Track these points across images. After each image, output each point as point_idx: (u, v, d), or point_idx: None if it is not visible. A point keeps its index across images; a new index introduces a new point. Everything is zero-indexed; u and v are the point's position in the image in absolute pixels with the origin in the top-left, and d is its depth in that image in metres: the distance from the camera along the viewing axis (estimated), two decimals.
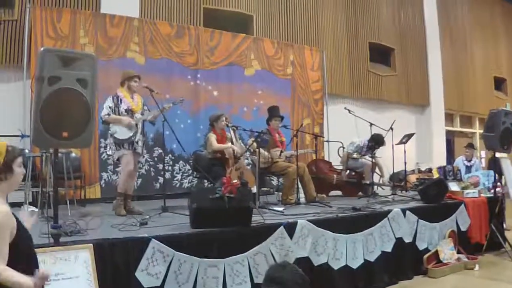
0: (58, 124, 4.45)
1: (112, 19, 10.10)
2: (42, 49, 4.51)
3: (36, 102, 4.36)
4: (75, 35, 9.66)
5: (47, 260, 4.13)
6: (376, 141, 10.10)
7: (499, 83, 21.66)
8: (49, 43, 9.22)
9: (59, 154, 5.44)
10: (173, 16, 11.45)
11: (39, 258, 3.13)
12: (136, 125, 7.33)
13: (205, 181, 9.14)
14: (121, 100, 7.34)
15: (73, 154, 9.10)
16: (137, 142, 7.38)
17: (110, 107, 7.25)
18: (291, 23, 13.71)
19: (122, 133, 7.21)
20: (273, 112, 9.34)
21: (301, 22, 13.92)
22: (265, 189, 10.23)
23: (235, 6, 12.62)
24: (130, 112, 7.33)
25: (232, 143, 8.64)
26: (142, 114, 7.49)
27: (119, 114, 7.26)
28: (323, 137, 12.56)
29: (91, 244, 4.48)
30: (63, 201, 7.44)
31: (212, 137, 8.55)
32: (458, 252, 8.14)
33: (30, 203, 8.08)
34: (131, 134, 7.25)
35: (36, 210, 7.58)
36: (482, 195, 9.42)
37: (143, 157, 9.45)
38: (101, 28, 9.95)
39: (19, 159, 3.00)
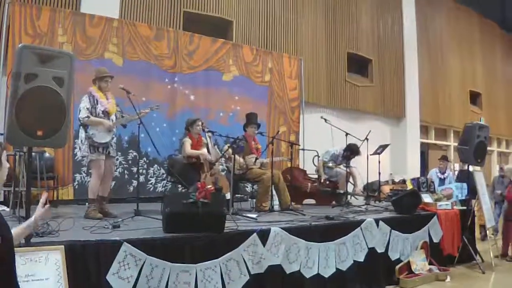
0: (33, 122, 4.41)
1: (91, 19, 10.02)
2: (20, 45, 4.47)
3: (12, 99, 4.31)
4: (54, 34, 9.57)
5: (17, 261, 4.06)
6: (352, 151, 10.16)
7: (474, 97, 21.98)
8: (27, 40, 9.10)
9: (33, 154, 5.37)
10: (153, 18, 11.42)
11: None
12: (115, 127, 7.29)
13: (179, 185, 9.09)
14: (97, 100, 7.19)
15: (47, 154, 9.00)
16: (111, 145, 7.32)
17: (87, 109, 7.06)
18: (271, 30, 13.75)
19: (101, 136, 7.10)
20: (250, 119, 9.33)
21: (281, 29, 13.97)
22: (239, 195, 10.21)
23: (215, 11, 12.61)
24: (106, 114, 7.22)
25: (207, 148, 8.62)
26: (116, 116, 7.42)
27: (96, 116, 7.13)
28: (299, 145, 12.59)
29: (63, 246, 4.43)
30: (35, 201, 7.35)
31: (187, 142, 8.52)
32: (430, 263, 8.20)
33: (1, 203, 8.00)
34: (110, 139, 7.18)
35: (7, 209, 7.51)
36: (455, 207, 9.51)
37: (117, 159, 9.39)
38: (80, 27, 9.86)
39: (5, 153, 2.93)
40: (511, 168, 10.65)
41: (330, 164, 10.58)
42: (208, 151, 8.58)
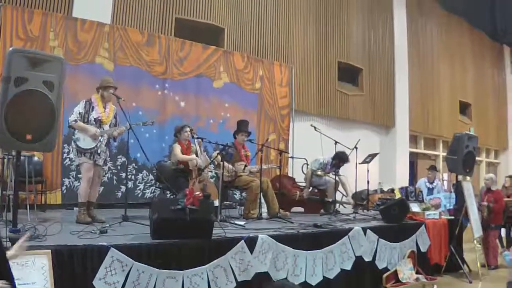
0: (23, 126, 4.41)
1: (83, 23, 9.98)
2: (10, 49, 4.48)
3: (1, 103, 4.31)
4: (45, 38, 9.52)
5: None
6: (340, 158, 10.15)
7: (464, 108, 22.04)
8: (19, 43, 9.06)
9: (21, 157, 5.36)
10: (145, 24, 11.37)
11: None
12: (101, 136, 7.26)
13: (168, 192, 9.08)
14: (93, 107, 7.23)
15: (36, 158, 8.97)
16: (98, 154, 7.26)
17: (80, 113, 7.12)
18: (262, 38, 13.75)
19: (85, 142, 7.09)
20: (241, 126, 9.33)
21: (272, 37, 13.97)
22: (228, 202, 10.20)
23: (207, 18, 12.60)
24: (98, 122, 7.21)
25: (197, 155, 8.61)
26: (110, 126, 7.41)
27: (87, 122, 7.14)
28: (288, 153, 12.60)
29: (49, 250, 4.42)
30: (23, 205, 7.34)
31: (177, 148, 8.55)
32: (417, 273, 8.23)
33: None
34: (94, 146, 7.15)
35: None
36: (442, 217, 9.55)
37: (106, 167, 9.36)
38: (71, 32, 9.83)
39: None
40: (491, 176, 10.63)
41: (319, 173, 10.58)
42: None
